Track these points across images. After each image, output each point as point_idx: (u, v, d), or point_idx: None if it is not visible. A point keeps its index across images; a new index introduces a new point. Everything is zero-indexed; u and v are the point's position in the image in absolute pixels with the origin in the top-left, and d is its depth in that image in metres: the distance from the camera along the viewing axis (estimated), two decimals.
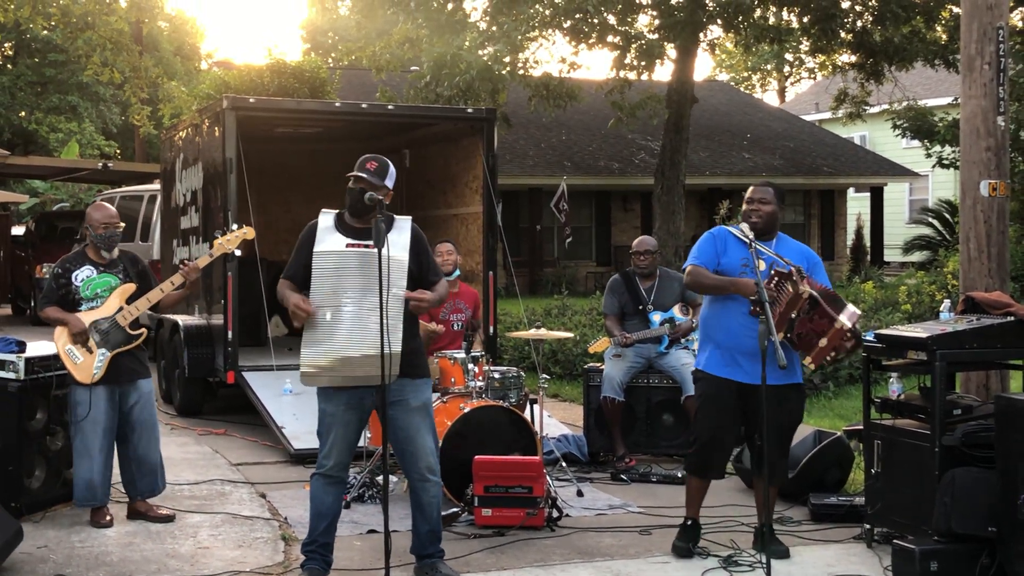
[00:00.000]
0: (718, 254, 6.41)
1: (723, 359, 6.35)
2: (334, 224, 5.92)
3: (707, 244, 6.50)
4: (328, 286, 5.76)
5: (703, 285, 6.47)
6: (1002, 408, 5.84)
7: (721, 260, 6.39)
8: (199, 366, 11.10)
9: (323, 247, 5.83)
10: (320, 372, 5.76)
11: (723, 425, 6.41)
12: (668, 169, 22.43)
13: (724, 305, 6.35)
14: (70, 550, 6.49)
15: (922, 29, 23.09)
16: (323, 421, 5.93)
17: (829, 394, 11.66)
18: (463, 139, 12.03)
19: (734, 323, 6.28)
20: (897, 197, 34.41)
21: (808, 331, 6.13)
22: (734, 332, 6.29)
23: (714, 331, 6.42)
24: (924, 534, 6.05)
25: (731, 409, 6.37)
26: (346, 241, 5.84)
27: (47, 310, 7.12)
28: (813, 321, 6.11)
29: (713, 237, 6.51)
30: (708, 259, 6.43)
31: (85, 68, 25.58)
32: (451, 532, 6.88)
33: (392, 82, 23.78)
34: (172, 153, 13.24)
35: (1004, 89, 7.20)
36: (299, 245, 5.94)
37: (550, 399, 12.19)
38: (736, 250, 6.38)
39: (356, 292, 5.73)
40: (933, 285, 15.99)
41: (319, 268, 5.79)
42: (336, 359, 5.71)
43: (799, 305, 6.11)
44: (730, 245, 6.42)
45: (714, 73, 51.65)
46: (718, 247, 6.44)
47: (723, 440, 6.47)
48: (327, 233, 5.88)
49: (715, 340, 6.41)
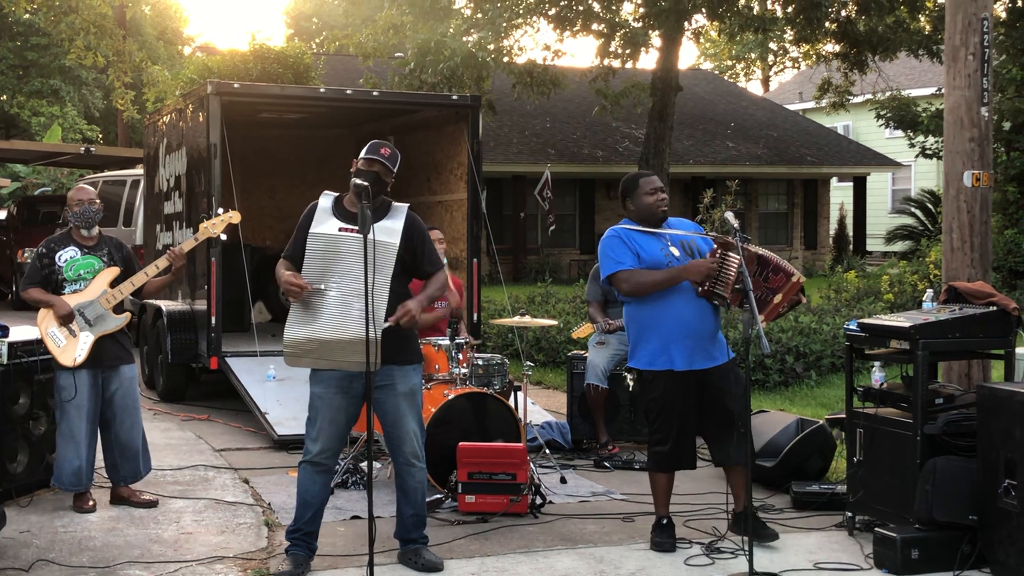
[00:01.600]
0: (635, 253, 6.23)
1: (681, 352, 6.18)
2: (332, 207, 5.93)
3: (620, 246, 6.27)
4: (317, 268, 5.76)
5: (647, 283, 6.16)
6: (984, 397, 5.88)
7: (641, 256, 6.21)
8: (182, 351, 11.08)
9: (318, 229, 5.85)
10: (300, 353, 5.77)
11: (689, 419, 6.31)
12: (652, 157, 22.45)
13: (668, 298, 6.16)
14: (53, 535, 6.48)
15: (906, 19, 23.15)
16: (312, 403, 5.93)
17: (811, 383, 11.69)
18: (448, 126, 12.02)
19: (686, 311, 6.14)
20: (880, 187, 34.52)
21: (763, 291, 6.10)
22: (688, 320, 6.15)
23: (662, 326, 6.19)
24: (905, 522, 6.09)
25: (693, 399, 6.27)
26: (339, 225, 5.85)
27: (30, 291, 7.10)
28: (769, 280, 6.11)
29: (619, 239, 6.29)
30: (631, 260, 6.21)
31: (68, 52, 25.42)
32: (434, 518, 6.88)
33: (377, 69, 23.72)
34: (155, 138, 13.20)
35: (988, 80, 7.22)
36: (299, 226, 5.95)
37: (533, 386, 12.20)
38: (648, 243, 6.24)
39: (342, 276, 5.73)
40: (915, 275, 16.06)
41: (311, 249, 5.81)
42: (316, 341, 5.71)
43: (750, 268, 6.03)
44: (639, 241, 6.26)
45: (698, 62, 51.67)
46: (632, 246, 6.25)
47: (691, 433, 6.37)
48: (324, 215, 5.90)
49: (666, 335, 6.19)
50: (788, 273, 6.14)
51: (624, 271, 6.20)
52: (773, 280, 6.12)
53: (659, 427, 6.33)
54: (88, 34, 23.96)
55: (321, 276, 5.75)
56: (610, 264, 6.26)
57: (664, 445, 6.31)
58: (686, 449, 6.37)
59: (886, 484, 6.34)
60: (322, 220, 5.88)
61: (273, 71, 21.33)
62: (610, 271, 6.26)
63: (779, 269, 6.14)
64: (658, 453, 6.36)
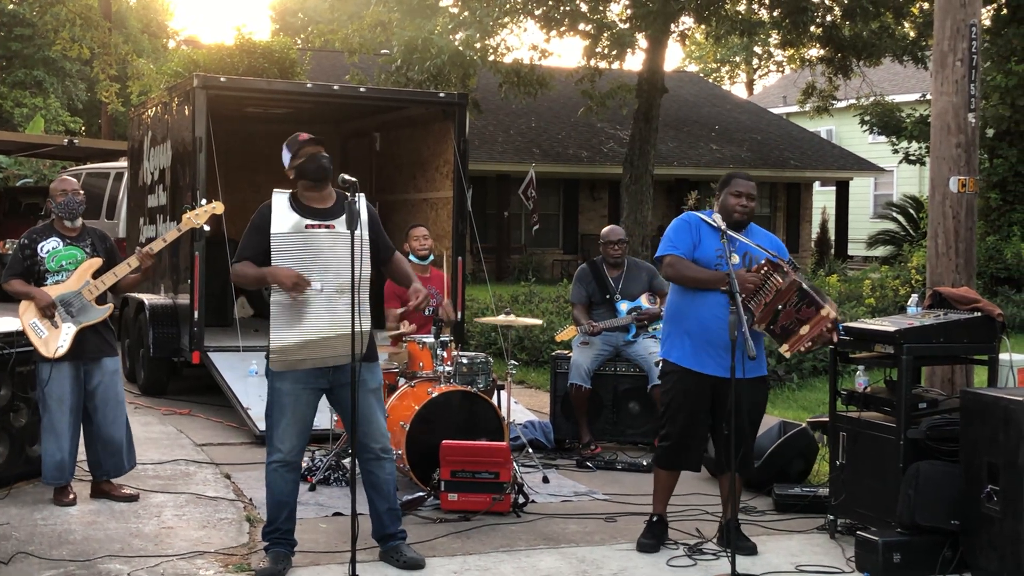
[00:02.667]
0: (694, 244, 6.24)
1: (697, 353, 6.20)
2: (290, 205, 5.85)
3: (683, 232, 6.29)
4: (294, 268, 5.70)
5: (686, 277, 6.20)
6: (968, 402, 5.89)
7: (697, 250, 6.23)
8: (164, 345, 11.03)
9: (282, 228, 5.76)
10: (292, 356, 5.71)
11: (698, 418, 6.30)
12: (637, 159, 22.45)
13: (700, 297, 6.17)
14: (32, 528, 6.45)
15: (891, 25, 23.21)
16: (277, 401, 5.83)
17: (793, 386, 11.72)
18: (434, 123, 12.00)
19: (710, 316, 6.12)
20: (862, 192, 34.62)
21: (792, 321, 6.05)
22: (710, 325, 6.13)
23: (687, 323, 6.23)
24: (887, 526, 6.11)
25: (705, 402, 6.26)
26: (305, 222, 5.79)
27: (12, 282, 7.05)
28: (800, 311, 6.03)
29: (688, 225, 6.30)
30: (686, 249, 6.23)
31: (54, 43, 25.33)
32: (416, 516, 6.88)
33: (363, 65, 23.67)
34: (140, 131, 13.14)
35: (976, 86, 7.24)
36: (254, 227, 5.84)
37: (516, 385, 12.19)
38: (710, 240, 6.23)
39: (322, 273, 5.70)
40: (897, 279, 16.13)
41: (282, 250, 5.73)
42: (306, 343, 5.67)
43: (788, 296, 6.01)
44: (704, 234, 6.25)
45: (683, 64, 51.75)
46: (693, 236, 6.26)
47: (698, 433, 6.36)
48: (284, 213, 5.81)
49: (689, 332, 6.22)
50: (819, 306, 6.02)
51: (673, 256, 6.24)
52: (804, 312, 6.03)
53: (667, 422, 6.36)
54: (74, 26, 23.87)
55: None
56: (666, 245, 6.31)
57: (667, 441, 6.35)
58: (691, 450, 6.35)
59: (869, 488, 6.36)
60: (284, 219, 5.79)
61: (259, 65, 21.29)
62: (662, 251, 6.31)
63: (813, 302, 6.03)
64: (662, 448, 6.41)
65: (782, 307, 6.02)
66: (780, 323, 6.05)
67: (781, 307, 6.01)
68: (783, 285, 6.01)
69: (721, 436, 6.39)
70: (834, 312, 6.08)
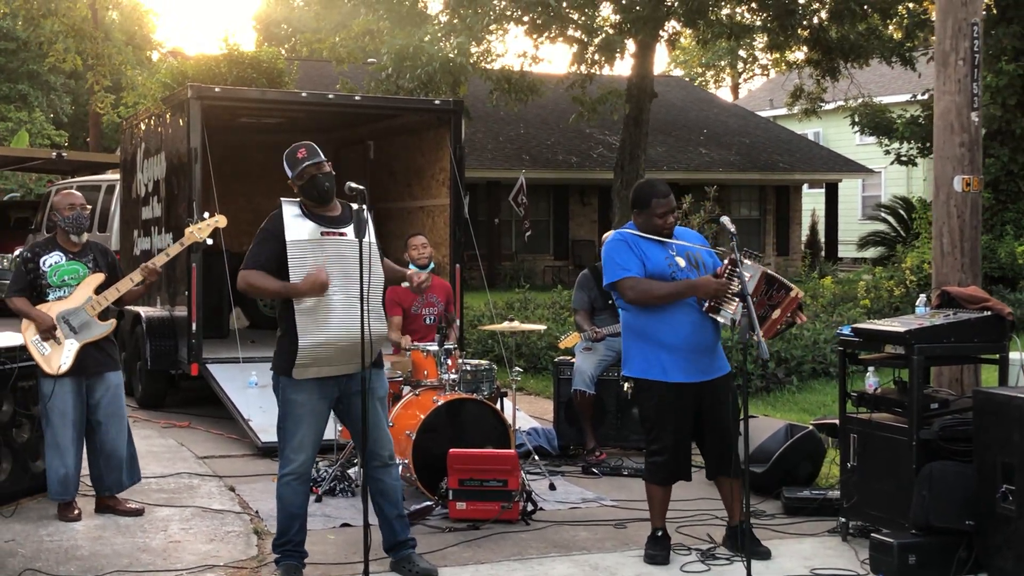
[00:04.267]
0: (642, 260, 6.11)
1: (678, 363, 6.08)
2: (302, 213, 5.82)
3: (625, 252, 6.14)
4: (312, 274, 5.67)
5: (654, 296, 6.03)
6: (980, 402, 5.87)
7: (646, 264, 6.10)
8: (162, 358, 10.96)
9: (298, 236, 5.73)
10: (312, 362, 5.67)
11: (685, 430, 6.21)
12: (628, 163, 22.46)
13: (669, 308, 6.05)
14: (39, 544, 6.38)
15: (878, 27, 23.26)
16: (291, 413, 5.77)
17: (793, 388, 11.69)
18: (429, 131, 11.96)
19: (685, 323, 6.03)
20: (851, 193, 34.66)
21: (765, 308, 6.04)
22: (686, 333, 6.05)
23: (660, 335, 6.09)
24: (901, 527, 6.08)
25: (690, 412, 6.17)
26: (321, 229, 5.77)
27: (15, 300, 6.98)
28: (771, 297, 6.05)
29: (626, 244, 6.16)
30: (638, 268, 6.08)
31: (45, 56, 25.24)
32: (425, 526, 6.83)
33: (352, 74, 23.64)
34: (133, 143, 13.07)
35: (978, 85, 7.23)
36: (267, 235, 5.79)
37: (516, 392, 12.11)
38: (653, 251, 6.13)
39: (340, 280, 5.67)
40: (892, 280, 16.13)
41: (300, 257, 5.69)
42: (332, 346, 5.65)
43: (759, 287, 6.00)
44: (644, 248, 6.14)
45: (669, 68, 51.80)
46: (637, 253, 6.13)
47: (687, 445, 6.27)
48: (298, 222, 5.78)
49: (664, 345, 6.08)
50: (788, 288, 6.08)
51: (630, 279, 6.08)
52: (775, 297, 6.05)
53: (655, 438, 6.24)
54: (67, 37, 23.79)
55: None
56: (616, 270, 6.14)
57: (660, 456, 6.21)
58: (682, 462, 6.26)
59: (881, 489, 6.33)
60: (299, 227, 5.75)
61: (247, 76, 21.27)
62: (615, 277, 6.13)
63: (782, 286, 6.07)
64: (654, 464, 6.27)
65: (755, 299, 5.94)
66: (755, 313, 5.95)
67: (755, 300, 5.93)
68: (755, 277, 5.97)
69: (706, 443, 6.29)
70: (801, 292, 6.15)
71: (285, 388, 5.80)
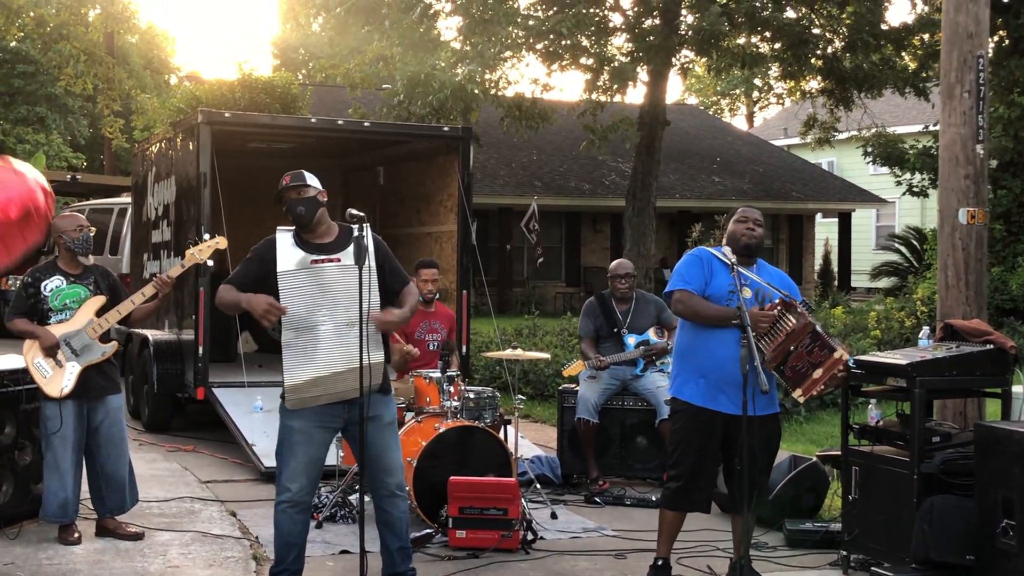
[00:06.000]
0: (705, 280, 6.08)
1: (709, 390, 6.00)
2: (294, 242, 5.82)
3: (694, 267, 6.12)
4: (304, 304, 5.64)
5: (696, 313, 6.02)
6: (981, 436, 5.85)
7: (708, 286, 6.07)
8: (168, 382, 10.98)
9: (288, 266, 5.71)
10: (306, 393, 5.65)
11: (708, 458, 6.11)
12: (639, 191, 22.46)
13: (712, 335, 6.00)
14: (37, 567, 6.37)
15: (892, 57, 23.25)
16: (287, 440, 5.75)
17: (800, 419, 11.65)
18: (438, 157, 11.99)
19: (723, 354, 5.93)
20: (864, 223, 34.63)
21: (804, 364, 5.90)
22: (722, 362, 5.94)
23: (698, 360, 6.05)
24: (902, 561, 6.04)
25: (716, 441, 6.07)
26: (311, 257, 5.75)
27: (16, 321, 7.01)
28: (812, 354, 5.88)
29: (699, 260, 6.13)
30: (698, 284, 6.07)
31: (58, 79, 25.40)
32: (424, 554, 6.81)
33: (365, 99, 23.72)
34: (144, 167, 13.13)
35: (983, 117, 7.23)
36: (254, 257, 5.82)
37: (521, 420, 12.08)
38: (722, 275, 6.06)
39: (332, 307, 5.65)
40: (902, 311, 16.07)
41: (289, 287, 5.66)
42: (321, 377, 5.61)
43: (800, 338, 5.88)
44: (716, 270, 6.09)
45: (683, 97, 51.90)
46: (705, 272, 6.10)
47: (707, 473, 6.16)
48: (288, 251, 5.77)
49: (700, 370, 6.04)
50: (832, 348, 5.91)
51: (684, 291, 6.06)
52: (816, 355, 5.90)
53: (675, 461, 6.14)
54: (79, 61, 23.93)
55: (308, 312, 5.64)
56: (676, 280, 6.14)
57: (675, 481, 6.12)
58: (699, 491, 6.11)
59: (882, 522, 6.29)
60: (289, 256, 5.74)
61: (261, 101, 21.33)
62: (672, 287, 6.14)
63: (825, 345, 5.92)
64: (669, 489, 6.18)
65: (794, 348, 5.87)
66: (791, 364, 5.90)
67: (793, 348, 5.87)
68: (796, 326, 5.86)
69: (734, 474, 6.16)
70: (847, 355, 5.98)
71: (282, 414, 5.80)
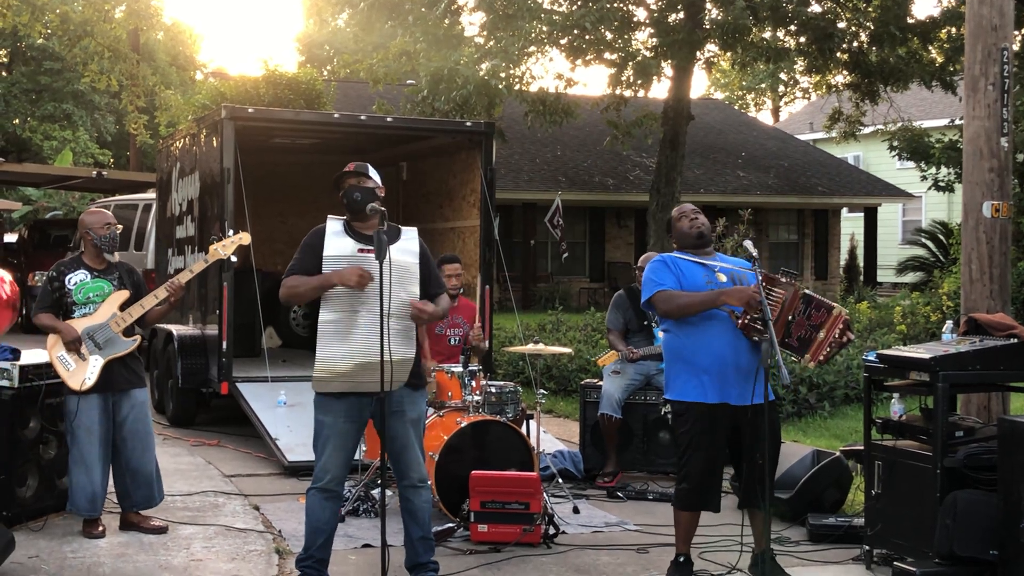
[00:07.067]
0: (677, 278, 6.09)
1: (713, 384, 5.99)
2: (343, 229, 5.90)
3: (661, 271, 6.15)
4: (344, 290, 5.70)
5: (682, 305, 6.00)
6: (1005, 430, 5.80)
7: (682, 281, 6.07)
8: (192, 376, 11.03)
9: (334, 251, 5.80)
10: (332, 377, 5.71)
11: (718, 456, 6.11)
12: (664, 186, 22.40)
13: (704, 327, 6.00)
14: (62, 560, 6.42)
15: (918, 50, 23.10)
16: (319, 433, 5.87)
17: (825, 414, 11.61)
18: (461, 152, 12.00)
19: (721, 342, 5.96)
20: (890, 218, 34.44)
21: (806, 329, 5.92)
22: (722, 353, 5.96)
23: (696, 358, 6.03)
24: (925, 556, 6.01)
25: (723, 437, 6.07)
26: (357, 246, 5.82)
27: (40, 316, 7.06)
28: (811, 317, 5.92)
29: (664, 263, 6.17)
30: (672, 283, 6.08)
31: (83, 76, 25.56)
32: (446, 548, 6.82)
33: (389, 95, 23.76)
34: (168, 163, 13.19)
35: (1008, 110, 7.18)
36: (307, 247, 5.88)
37: (544, 414, 12.11)
38: (692, 270, 6.11)
39: (371, 297, 5.68)
40: (928, 306, 15.98)
41: (334, 271, 5.74)
42: (355, 364, 5.67)
43: (795, 304, 5.92)
44: (683, 267, 6.12)
45: (709, 91, 51.74)
46: (674, 271, 6.12)
47: (717, 473, 6.15)
48: (337, 237, 5.86)
49: (700, 367, 6.01)
50: (829, 307, 5.93)
51: (663, 292, 6.06)
52: (815, 317, 5.91)
53: (685, 462, 6.11)
54: (103, 58, 24.06)
55: (349, 298, 5.70)
56: (650, 286, 6.14)
57: (689, 482, 6.10)
58: (711, 490, 6.11)
59: (905, 517, 6.26)
60: (337, 242, 5.83)
61: (285, 96, 21.39)
62: (649, 293, 6.13)
63: (821, 304, 5.93)
64: (682, 491, 6.15)
65: (792, 318, 5.89)
66: (795, 335, 5.92)
67: (792, 318, 5.88)
68: (788, 295, 5.88)
69: (743, 470, 6.16)
70: (844, 310, 5.99)
71: (316, 407, 5.89)
